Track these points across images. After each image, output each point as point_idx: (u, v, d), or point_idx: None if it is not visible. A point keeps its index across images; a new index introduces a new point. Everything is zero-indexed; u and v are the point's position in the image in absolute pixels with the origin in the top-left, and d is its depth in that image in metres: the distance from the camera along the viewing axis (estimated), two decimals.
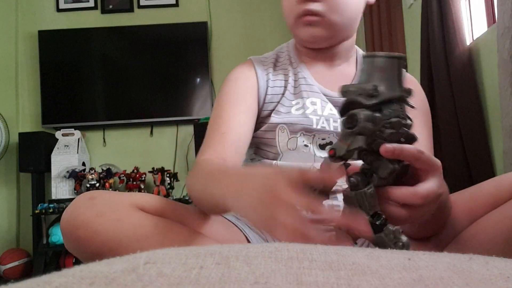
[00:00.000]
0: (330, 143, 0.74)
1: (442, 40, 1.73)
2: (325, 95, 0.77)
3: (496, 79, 1.43)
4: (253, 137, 0.77)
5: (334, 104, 0.76)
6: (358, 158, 0.46)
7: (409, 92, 0.45)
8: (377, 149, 0.43)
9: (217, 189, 0.54)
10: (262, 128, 0.77)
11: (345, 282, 0.25)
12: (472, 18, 1.82)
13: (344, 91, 0.46)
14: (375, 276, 0.27)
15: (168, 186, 2.81)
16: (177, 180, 2.90)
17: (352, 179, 0.45)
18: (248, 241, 0.69)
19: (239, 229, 0.70)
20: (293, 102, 0.77)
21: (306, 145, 0.74)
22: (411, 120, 0.46)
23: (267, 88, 0.78)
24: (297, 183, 0.43)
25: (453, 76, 1.68)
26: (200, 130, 2.69)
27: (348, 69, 0.81)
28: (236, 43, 3.07)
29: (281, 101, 0.77)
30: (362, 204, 0.45)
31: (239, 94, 0.76)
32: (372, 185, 0.44)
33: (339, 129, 0.73)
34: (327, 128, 0.74)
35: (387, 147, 0.43)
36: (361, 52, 0.84)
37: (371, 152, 0.44)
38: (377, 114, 0.43)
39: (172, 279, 0.21)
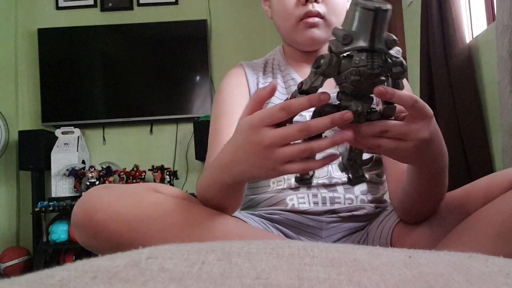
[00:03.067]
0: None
1: (442, 38, 1.73)
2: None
3: (495, 77, 1.43)
4: None
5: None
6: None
7: (390, 44, 0.47)
8: (347, 91, 0.48)
9: (219, 173, 0.55)
10: None
11: (346, 278, 0.25)
12: (471, 16, 1.82)
13: (332, 33, 0.49)
14: (375, 272, 0.27)
15: (168, 184, 2.81)
16: (177, 178, 2.90)
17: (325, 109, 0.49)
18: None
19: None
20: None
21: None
22: (387, 76, 0.48)
23: None
24: (266, 120, 0.47)
25: (452, 74, 1.68)
26: (200, 128, 2.68)
27: None
28: (236, 41, 3.06)
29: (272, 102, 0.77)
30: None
31: (234, 104, 0.78)
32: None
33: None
34: None
35: (379, 89, 0.46)
36: None
37: (342, 92, 0.49)
38: (343, 61, 0.47)
39: (174, 274, 0.21)
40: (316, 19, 0.75)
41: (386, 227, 0.71)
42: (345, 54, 0.47)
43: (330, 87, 0.78)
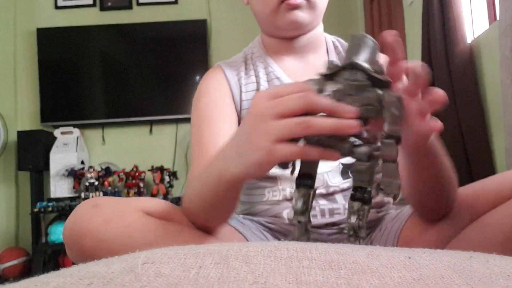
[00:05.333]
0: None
1: (443, 38, 1.72)
2: None
3: (497, 77, 1.42)
4: None
5: None
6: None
7: (375, 67, 0.45)
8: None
9: (214, 169, 0.52)
10: None
11: (345, 282, 0.25)
12: (473, 16, 1.82)
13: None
14: (375, 275, 0.27)
15: (168, 185, 2.81)
16: (177, 179, 2.90)
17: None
18: None
19: (242, 235, 0.69)
20: None
21: None
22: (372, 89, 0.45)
23: (241, 93, 0.76)
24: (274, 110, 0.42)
25: (454, 74, 1.68)
26: None
27: (318, 60, 0.78)
28: (235, 40, 3.06)
29: None
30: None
31: (214, 107, 0.73)
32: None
33: None
34: None
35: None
36: (330, 40, 0.82)
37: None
38: (327, 83, 0.45)
39: (170, 279, 0.21)
40: (299, 0, 0.70)
41: (391, 234, 0.69)
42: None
43: None
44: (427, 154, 0.53)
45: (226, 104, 0.74)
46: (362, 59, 0.45)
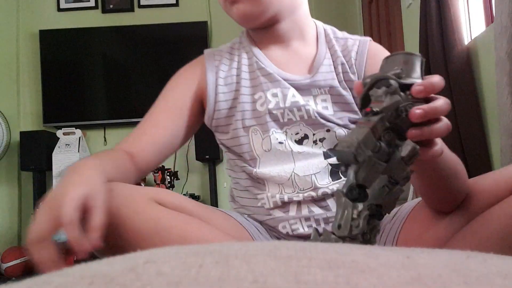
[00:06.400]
0: (306, 136, 0.71)
1: (441, 40, 1.73)
2: (285, 79, 0.73)
3: (494, 78, 1.43)
4: (227, 146, 0.76)
5: (297, 88, 0.72)
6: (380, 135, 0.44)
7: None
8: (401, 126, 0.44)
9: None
10: (232, 135, 0.74)
11: (343, 281, 0.25)
12: (470, 18, 1.82)
13: (369, 77, 0.48)
14: (373, 274, 0.27)
15: (169, 185, 2.82)
16: (177, 179, 2.90)
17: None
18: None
19: (247, 231, 0.70)
20: (256, 97, 0.73)
21: (280, 142, 0.71)
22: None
23: (216, 87, 0.76)
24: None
25: (451, 75, 1.68)
26: (201, 129, 2.68)
27: (305, 49, 0.77)
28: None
29: (240, 98, 0.73)
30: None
31: (175, 94, 0.77)
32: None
33: (305, 117, 0.70)
34: (294, 119, 0.71)
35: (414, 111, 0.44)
36: (322, 28, 0.79)
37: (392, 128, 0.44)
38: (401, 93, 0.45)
39: (171, 278, 0.21)
40: None
41: (389, 237, 0.68)
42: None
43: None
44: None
45: (182, 97, 0.77)
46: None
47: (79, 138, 2.83)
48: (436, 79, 0.46)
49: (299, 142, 0.71)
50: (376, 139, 0.43)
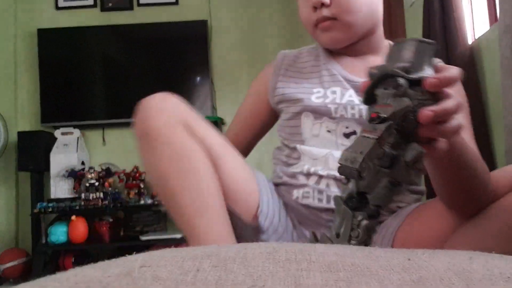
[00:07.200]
0: (354, 132, 0.75)
1: (444, 39, 1.72)
2: (347, 80, 0.79)
3: (498, 78, 1.42)
4: (280, 125, 0.84)
5: (356, 90, 0.78)
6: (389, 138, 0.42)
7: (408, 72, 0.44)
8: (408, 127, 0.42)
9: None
10: (287, 117, 0.81)
11: (344, 284, 0.24)
12: (474, 17, 1.82)
13: (376, 69, 0.46)
14: (374, 277, 0.27)
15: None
16: None
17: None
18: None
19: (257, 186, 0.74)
20: (314, 90, 0.79)
21: (329, 131, 0.76)
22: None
23: (276, 83, 0.83)
24: None
25: None
26: None
27: (376, 60, 0.81)
28: (236, 41, 3.06)
29: (301, 88, 0.80)
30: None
31: (246, 112, 0.89)
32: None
33: (356, 116, 0.75)
34: (346, 116, 0.76)
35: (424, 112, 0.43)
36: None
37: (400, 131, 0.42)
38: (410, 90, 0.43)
39: (168, 283, 0.21)
40: (328, 23, 0.76)
41: (387, 236, 0.69)
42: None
43: None
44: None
45: (255, 101, 0.89)
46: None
47: (77, 138, 2.82)
48: (453, 73, 0.45)
49: (347, 136, 0.76)
50: (381, 146, 0.42)
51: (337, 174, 0.70)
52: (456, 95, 0.47)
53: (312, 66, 0.83)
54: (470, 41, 1.71)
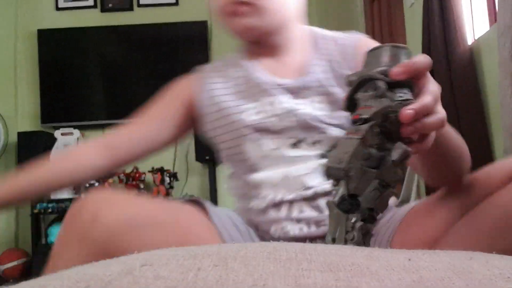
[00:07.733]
0: (300, 140, 0.72)
1: (443, 40, 1.72)
2: (278, 85, 0.74)
3: (497, 78, 1.42)
4: (224, 155, 0.78)
5: (291, 91, 0.74)
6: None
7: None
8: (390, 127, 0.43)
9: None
10: (228, 146, 0.76)
11: (344, 284, 0.24)
12: (473, 17, 1.82)
13: (354, 75, 0.46)
14: (374, 277, 0.27)
15: (168, 186, 2.81)
16: (177, 180, 2.90)
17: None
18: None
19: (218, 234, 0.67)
20: (250, 106, 0.74)
21: (274, 149, 0.72)
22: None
23: (206, 100, 0.78)
24: None
25: (454, 76, 1.68)
26: None
27: (296, 55, 0.78)
28: (236, 42, 3.06)
29: (231, 109, 0.75)
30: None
31: (158, 104, 0.86)
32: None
33: (298, 122, 0.71)
34: (287, 125, 0.72)
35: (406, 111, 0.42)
36: (311, 30, 0.80)
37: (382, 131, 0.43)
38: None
39: (168, 281, 0.21)
40: (244, 8, 0.72)
41: (384, 240, 0.67)
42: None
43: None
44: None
45: (167, 106, 0.85)
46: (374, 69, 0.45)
47: (77, 138, 2.82)
48: (420, 59, 0.44)
49: (294, 146, 0.72)
50: (367, 147, 0.42)
51: (304, 193, 0.69)
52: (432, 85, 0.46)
53: (237, 77, 0.79)
54: (469, 41, 1.71)
